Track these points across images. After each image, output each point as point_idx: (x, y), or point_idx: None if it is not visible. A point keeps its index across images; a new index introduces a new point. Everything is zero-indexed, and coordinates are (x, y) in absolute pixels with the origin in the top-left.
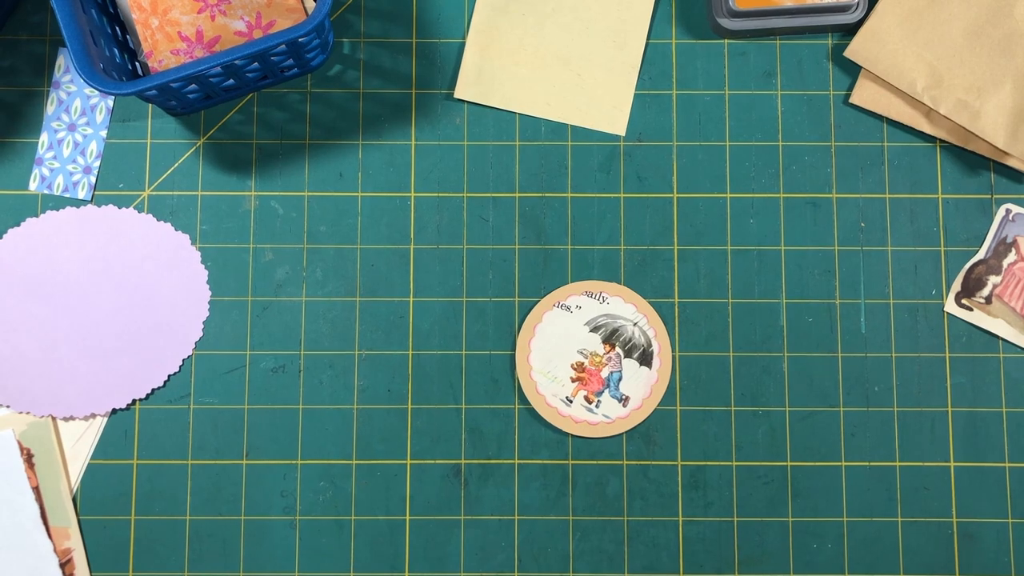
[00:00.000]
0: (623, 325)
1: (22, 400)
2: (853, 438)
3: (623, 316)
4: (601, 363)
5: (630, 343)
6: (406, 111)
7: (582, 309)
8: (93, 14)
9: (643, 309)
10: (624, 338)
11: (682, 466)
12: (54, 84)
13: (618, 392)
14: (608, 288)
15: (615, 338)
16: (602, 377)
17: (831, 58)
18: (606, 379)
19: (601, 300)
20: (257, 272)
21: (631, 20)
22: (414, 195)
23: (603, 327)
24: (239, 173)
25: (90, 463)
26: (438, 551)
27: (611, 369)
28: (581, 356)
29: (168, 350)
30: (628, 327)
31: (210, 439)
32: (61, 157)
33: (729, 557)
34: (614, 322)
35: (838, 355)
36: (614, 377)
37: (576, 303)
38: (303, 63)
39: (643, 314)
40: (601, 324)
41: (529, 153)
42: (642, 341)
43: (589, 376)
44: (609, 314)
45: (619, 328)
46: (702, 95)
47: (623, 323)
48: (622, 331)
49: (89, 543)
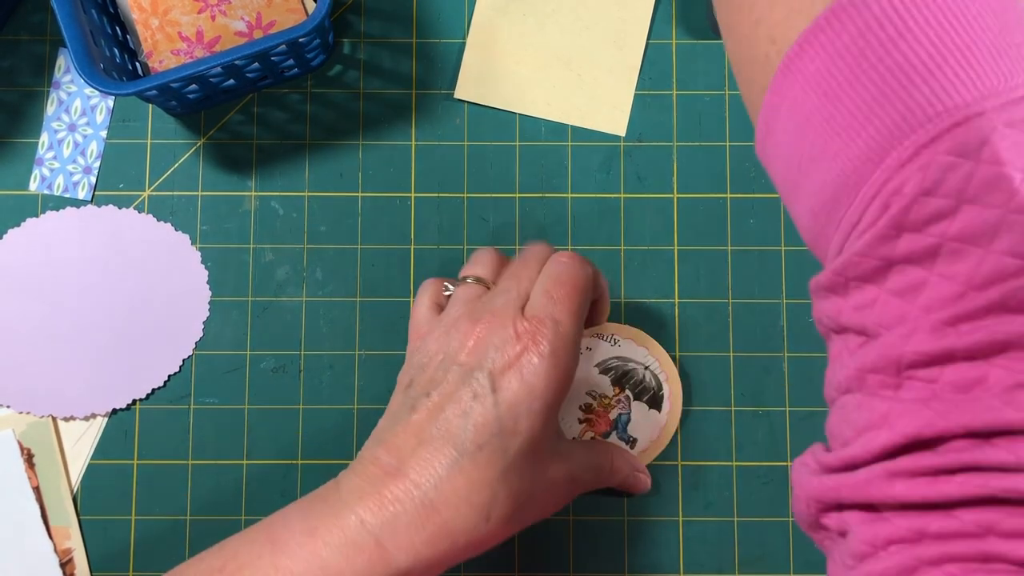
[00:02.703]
0: (634, 368)
1: (22, 400)
2: None
3: (634, 359)
4: (610, 405)
5: (640, 386)
6: (406, 111)
7: (592, 351)
8: (93, 14)
9: (655, 352)
10: (635, 381)
11: (682, 466)
12: (54, 84)
13: (625, 434)
14: (620, 331)
15: (625, 381)
16: (610, 419)
17: None
18: (614, 420)
19: (613, 343)
20: (257, 272)
21: (631, 20)
22: (414, 195)
23: (614, 369)
24: (239, 173)
25: (90, 463)
26: None
27: (619, 411)
28: (590, 398)
29: (168, 350)
30: (639, 370)
31: (210, 439)
32: (61, 157)
33: (729, 557)
34: (625, 365)
35: None
36: (622, 419)
37: (587, 344)
38: (303, 63)
39: (655, 357)
40: (612, 366)
41: (529, 153)
42: (653, 384)
43: (597, 418)
44: (621, 356)
45: (630, 371)
46: (702, 95)
47: (634, 366)
48: (633, 374)
49: (89, 543)
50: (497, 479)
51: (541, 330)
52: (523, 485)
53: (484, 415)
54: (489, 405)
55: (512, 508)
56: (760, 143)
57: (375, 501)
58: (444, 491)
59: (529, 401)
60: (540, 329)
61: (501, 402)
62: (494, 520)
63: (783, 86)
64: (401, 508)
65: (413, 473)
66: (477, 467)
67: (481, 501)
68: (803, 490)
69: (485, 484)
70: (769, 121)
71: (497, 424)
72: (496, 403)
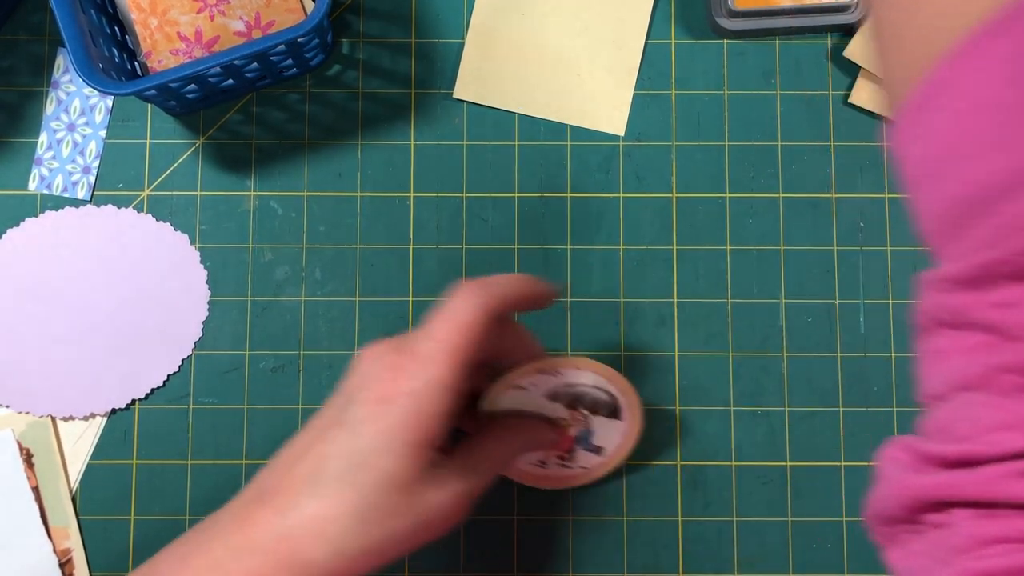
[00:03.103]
0: (584, 391)
1: (22, 400)
2: (853, 438)
3: (581, 383)
4: (569, 426)
5: (595, 403)
6: (405, 111)
7: (537, 386)
8: (92, 14)
9: (600, 372)
10: (588, 400)
11: (682, 466)
12: (53, 84)
13: (591, 445)
14: (560, 363)
15: (578, 403)
16: (571, 436)
17: (830, 58)
18: (576, 437)
19: (555, 375)
20: (256, 272)
21: (631, 20)
22: (413, 195)
23: (563, 395)
24: (238, 173)
25: (90, 463)
26: (438, 551)
27: (579, 428)
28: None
29: (167, 350)
30: (589, 391)
31: (209, 439)
32: (60, 157)
33: (729, 557)
34: (574, 389)
35: (837, 355)
36: (583, 434)
37: (531, 381)
38: (302, 63)
39: (601, 376)
40: (560, 393)
41: (529, 153)
42: (607, 399)
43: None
44: (567, 384)
45: (580, 394)
46: (701, 95)
47: (584, 389)
48: (584, 396)
49: (89, 543)
50: (350, 514)
51: (410, 367)
52: (384, 519)
53: (345, 447)
54: (350, 437)
55: (371, 542)
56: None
57: (239, 528)
58: (298, 522)
59: (388, 438)
60: (408, 366)
61: (363, 435)
62: (350, 554)
63: (960, 63)
64: (261, 536)
65: (276, 502)
66: (331, 500)
67: (333, 534)
68: (900, 485)
69: (336, 518)
70: (931, 97)
71: (356, 456)
72: (358, 435)
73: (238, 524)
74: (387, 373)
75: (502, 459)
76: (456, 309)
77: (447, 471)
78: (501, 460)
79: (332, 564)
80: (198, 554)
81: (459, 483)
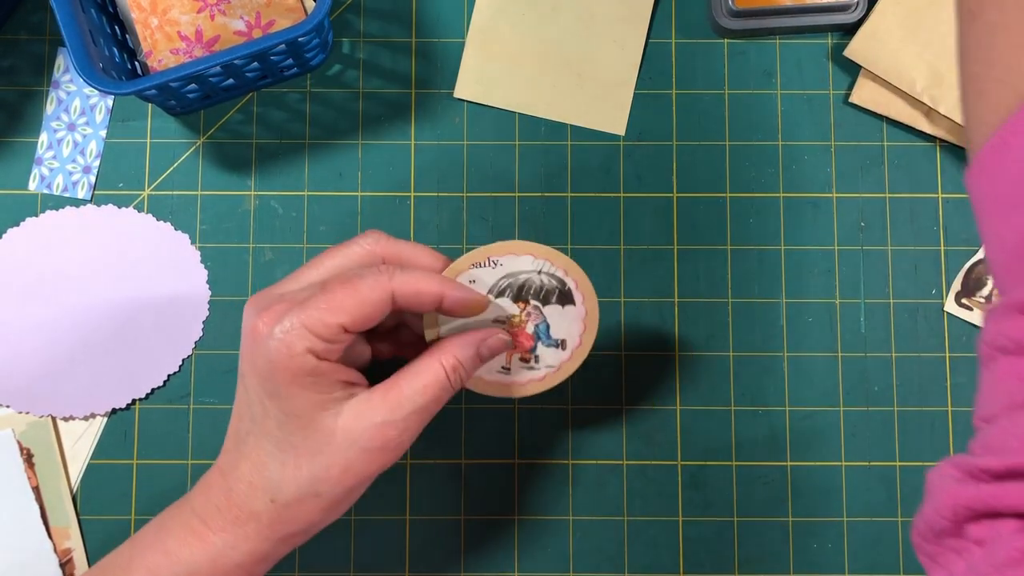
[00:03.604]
0: (527, 278)
1: (22, 400)
2: (853, 438)
3: (522, 270)
4: (522, 321)
5: (543, 291)
6: (406, 111)
7: (476, 284)
8: (92, 14)
9: (540, 254)
10: (534, 289)
11: (682, 466)
12: (54, 84)
13: (551, 339)
14: (493, 250)
15: (525, 294)
16: (529, 333)
17: (831, 58)
18: (534, 333)
19: (493, 266)
20: (257, 272)
21: (631, 20)
22: (414, 195)
23: (507, 288)
24: (239, 173)
25: (90, 463)
26: (438, 551)
27: (534, 322)
28: (498, 324)
29: (168, 350)
30: (533, 277)
31: (210, 439)
32: (61, 157)
33: (729, 557)
34: (516, 279)
35: (838, 355)
36: (542, 328)
37: (469, 278)
38: (303, 63)
39: (543, 259)
40: (504, 287)
41: (529, 153)
42: (555, 284)
43: (515, 338)
44: (507, 274)
45: (524, 283)
46: (702, 95)
47: (526, 276)
48: (528, 284)
49: (89, 543)
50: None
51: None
52: (303, 458)
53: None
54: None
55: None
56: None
57: (202, 491)
58: (234, 476)
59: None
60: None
61: (249, 387)
62: (282, 501)
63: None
64: (214, 495)
65: (221, 462)
66: (250, 450)
67: (261, 483)
68: (949, 497)
69: (260, 466)
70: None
71: (254, 408)
72: (247, 389)
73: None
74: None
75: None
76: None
77: (364, 403)
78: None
79: (272, 512)
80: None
81: (379, 412)
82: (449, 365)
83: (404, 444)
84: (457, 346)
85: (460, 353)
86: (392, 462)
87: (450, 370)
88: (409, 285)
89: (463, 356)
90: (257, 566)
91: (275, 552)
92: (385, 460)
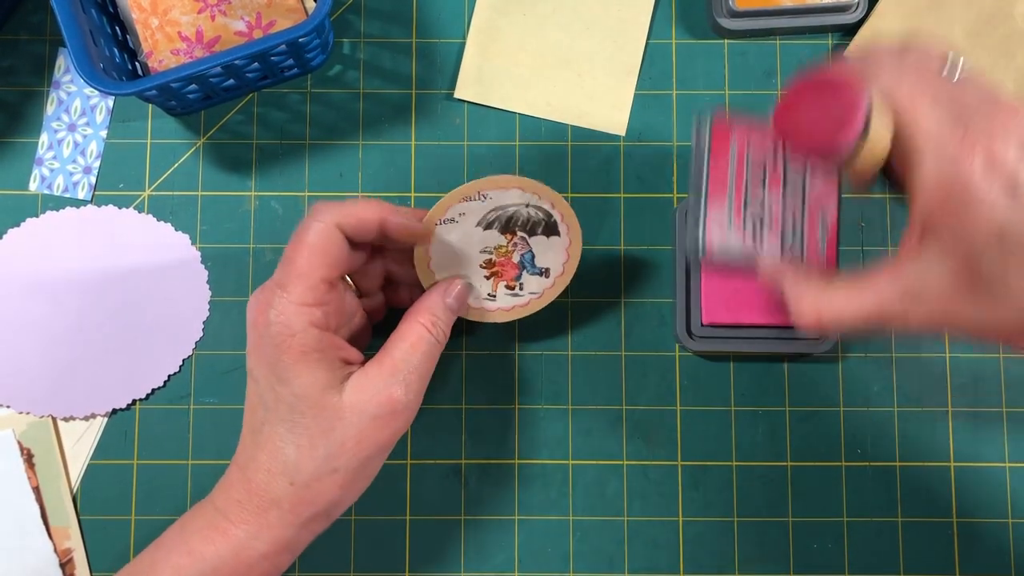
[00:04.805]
0: (515, 211)
1: (22, 400)
2: (853, 438)
3: (511, 203)
4: (508, 252)
5: (529, 223)
6: (406, 111)
7: (466, 215)
8: (93, 14)
9: (529, 188)
10: (521, 221)
11: (682, 466)
12: (54, 84)
13: (535, 268)
14: (484, 185)
15: (512, 225)
16: (514, 262)
17: (831, 58)
18: (519, 262)
19: (483, 199)
20: (257, 272)
21: (631, 20)
22: (414, 195)
23: (496, 220)
24: (239, 173)
25: (90, 463)
26: (438, 551)
27: (520, 252)
28: (486, 254)
29: (168, 350)
30: (521, 210)
31: (210, 439)
32: (61, 157)
33: (729, 557)
34: (505, 211)
35: (838, 355)
36: (527, 257)
37: (459, 211)
38: (303, 63)
39: (531, 193)
40: (492, 219)
41: (529, 153)
42: (541, 216)
43: (501, 267)
44: (496, 207)
45: (512, 215)
46: (702, 95)
47: (514, 209)
48: (516, 216)
49: (89, 543)
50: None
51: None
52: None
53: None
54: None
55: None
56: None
57: (222, 488)
58: (252, 467)
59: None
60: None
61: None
62: (301, 482)
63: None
64: (234, 490)
65: (238, 457)
66: (265, 439)
67: (279, 468)
68: None
69: (276, 452)
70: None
71: (265, 397)
72: (255, 380)
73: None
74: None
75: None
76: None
77: (363, 376)
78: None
79: (294, 498)
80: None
81: (378, 379)
82: (428, 321)
83: (411, 404)
84: (427, 301)
85: (432, 307)
86: (403, 427)
87: (429, 325)
88: (350, 215)
89: (436, 309)
90: (281, 556)
91: (298, 539)
92: (396, 424)
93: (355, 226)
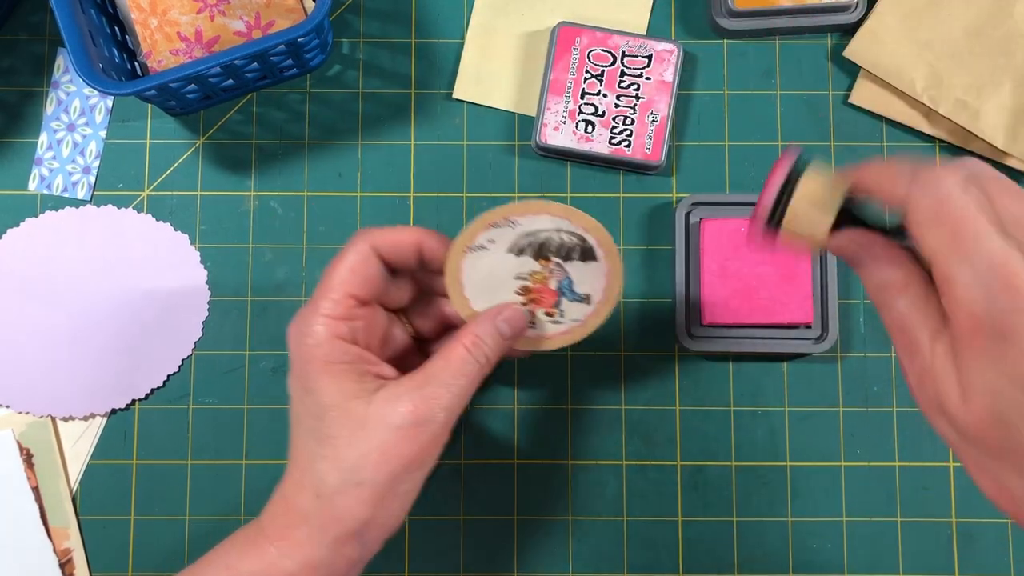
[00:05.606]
0: (547, 236)
1: (21, 400)
2: (853, 438)
3: (541, 228)
4: (545, 278)
5: (564, 248)
6: (405, 111)
7: (496, 242)
8: (92, 14)
9: (557, 212)
10: (555, 246)
11: (681, 466)
12: (53, 84)
13: (575, 294)
14: (510, 211)
15: (545, 251)
16: (552, 288)
17: (830, 58)
18: (557, 288)
19: (512, 225)
20: (257, 272)
21: (631, 20)
22: (413, 195)
23: (528, 246)
24: (238, 173)
25: (90, 463)
26: (438, 551)
27: (558, 278)
28: (521, 280)
29: (167, 350)
30: (553, 235)
31: (210, 439)
32: (60, 157)
33: (729, 557)
34: (536, 237)
35: (838, 355)
36: (565, 283)
37: (488, 238)
38: (302, 63)
39: (562, 218)
40: (524, 245)
41: (529, 153)
42: (575, 241)
43: (539, 294)
44: (526, 233)
45: (544, 240)
46: (702, 95)
47: (546, 235)
48: (549, 242)
49: (89, 543)
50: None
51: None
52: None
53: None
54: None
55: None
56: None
57: (268, 504)
58: (288, 481)
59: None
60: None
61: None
62: (326, 494)
63: None
64: (274, 505)
65: (283, 476)
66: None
67: (307, 479)
68: None
69: (306, 464)
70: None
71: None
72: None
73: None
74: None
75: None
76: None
77: (394, 387)
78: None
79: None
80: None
81: (407, 392)
82: (470, 341)
83: (437, 419)
84: (475, 323)
85: (478, 329)
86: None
87: (470, 345)
88: (387, 237)
89: (480, 331)
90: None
91: (332, 563)
92: (421, 438)
93: (391, 247)
